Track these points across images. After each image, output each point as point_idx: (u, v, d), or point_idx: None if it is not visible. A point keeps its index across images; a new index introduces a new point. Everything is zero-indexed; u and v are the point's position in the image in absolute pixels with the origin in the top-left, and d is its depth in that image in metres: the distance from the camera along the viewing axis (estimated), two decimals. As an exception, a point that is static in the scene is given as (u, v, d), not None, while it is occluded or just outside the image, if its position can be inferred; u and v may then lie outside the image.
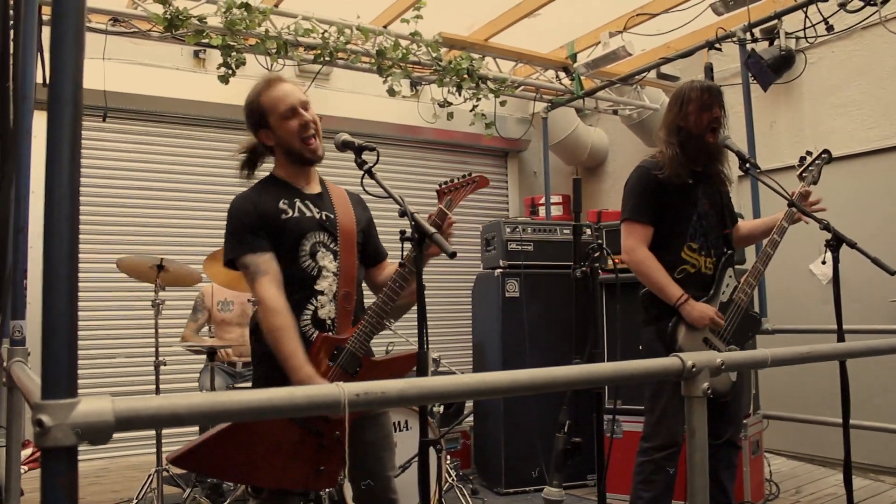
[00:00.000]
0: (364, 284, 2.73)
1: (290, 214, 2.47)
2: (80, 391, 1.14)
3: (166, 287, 4.39)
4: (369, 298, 2.66)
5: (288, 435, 2.34)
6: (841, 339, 3.15)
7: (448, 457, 4.71)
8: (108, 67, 5.51)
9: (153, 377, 4.32)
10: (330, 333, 2.46)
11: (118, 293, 6.06)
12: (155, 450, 4.25)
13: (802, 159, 3.53)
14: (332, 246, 2.51)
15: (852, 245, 3.11)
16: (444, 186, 2.58)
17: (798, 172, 3.48)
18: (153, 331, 4.31)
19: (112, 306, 6.12)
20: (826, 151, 3.51)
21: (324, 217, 2.54)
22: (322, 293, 2.47)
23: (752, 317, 3.37)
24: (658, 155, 3.39)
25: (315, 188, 2.62)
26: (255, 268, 2.39)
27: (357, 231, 2.59)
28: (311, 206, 2.54)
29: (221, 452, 2.28)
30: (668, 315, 3.25)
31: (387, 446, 2.61)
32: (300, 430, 2.35)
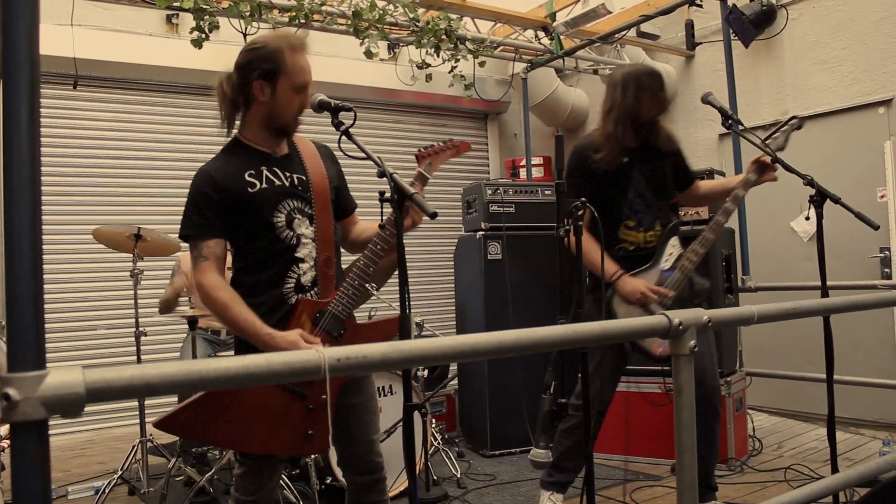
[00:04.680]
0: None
1: (259, 186, 2.38)
2: (62, 364, 1.09)
3: (145, 257, 4.32)
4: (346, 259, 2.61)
5: (273, 399, 2.30)
6: (825, 294, 3.15)
7: (433, 420, 4.72)
8: (77, 34, 5.39)
9: (135, 348, 4.28)
10: (310, 297, 2.42)
11: (97, 264, 5.99)
12: (139, 421, 4.23)
13: (771, 126, 3.49)
14: (307, 210, 2.45)
15: (836, 200, 3.10)
16: (423, 151, 2.53)
17: (763, 139, 3.42)
18: (133, 301, 4.26)
19: (91, 278, 6.04)
20: (794, 117, 3.44)
21: (295, 181, 2.45)
22: (303, 260, 2.42)
23: (698, 284, 3.33)
24: (594, 133, 3.44)
25: (283, 148, 2.52)
26: (197, 252, 2.35)
27: (330, 189, 2.53)
28: (279, 172, 2.44)
29: (206, 417, 2.24)
30: (606, 285, 3.29)
31: (370, 409, 2.58)
32: (286, 394, 2.31)
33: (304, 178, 2.48)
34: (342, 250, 2.68)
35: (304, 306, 2.38)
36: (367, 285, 2.45)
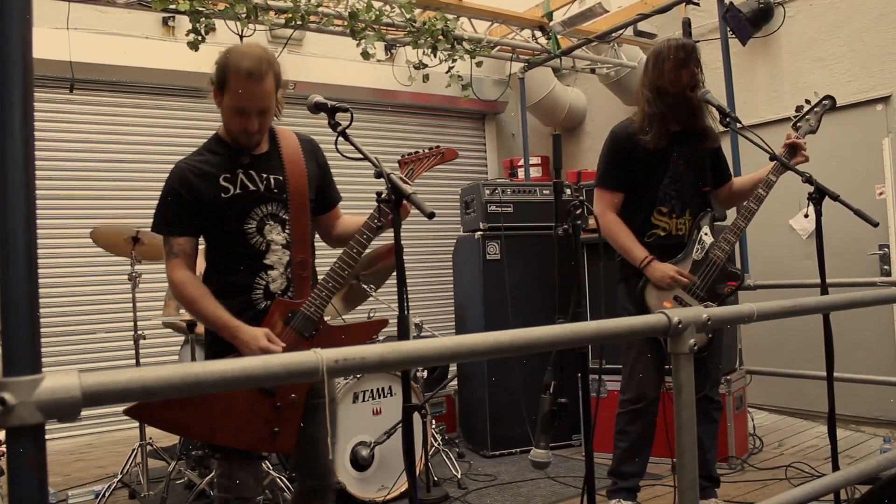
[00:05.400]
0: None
1: (232, 192, 2.40)
2: (61, 368, 1.09)
3: (143, 260, 4.31)
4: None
5: (243, 394, 2.33)
6: (824, 292, 3.15)
7: (433, 421, 4.71)
8: (73, 37, 5.38)
9: (134, 352, 4.27)
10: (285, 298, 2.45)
11: (96, 268, 5.98)
12: (139, 424, 4.22)
13: (800, 108, 3.40)
14: (281, 215, 2.47)
15: (835, 198, 3.09)
16: (406, 157, 2.55)
17: (793, 122, 3.38)
18: (131, 305, 4.25)
19: (91, 281, 6.03)
20: (829, 97, 3.36)
21: (271, 182, 2.47)
22: (272, 267, 2.44)
23: (730, 273, 3.35)
24: (634, 117, 3.38)
25: (262, 146, 2.52)
26: (169, 248, 2.41)
27: (309, 189, 2.54)
28: (254, 175, 2.45)
29: (177, 406, 2.26)
30: (637, 275, 3.32)
31: (327, 413, 2.59)
32: (255, 391, 2.34)
33: (280, 178, 2.49)
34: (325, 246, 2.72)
35: (278, 306, 2.42)
36: (365, 286, 2.46)
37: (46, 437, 1.08)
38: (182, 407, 2.26)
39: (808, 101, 3.39)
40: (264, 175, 2.47)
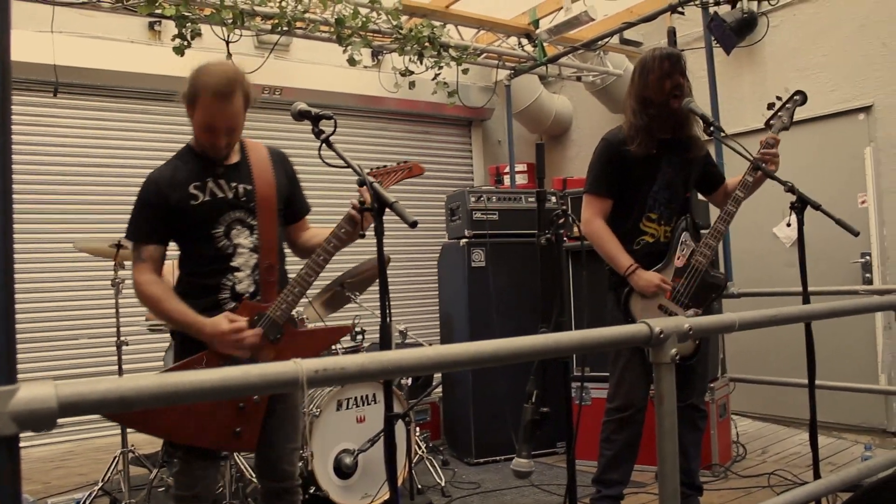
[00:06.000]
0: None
1: (201, 199, 2.48)
2: (41, 374, 1.08)
3: (126, 265, 4.28)
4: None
5: None
6: (806, 300, 3.16)
7: (417, 429, 4.70)
8: (57, 40, 5.35)
9: (116, 358, 4.24)
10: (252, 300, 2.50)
11: (78, 273, 5.94)
12: (120, 431, 4.18)
13: (771, 105, 3.41)
14: (248, 221, 2.53)
15: (817, 207, 3.11)
16: (374, 170, 2.58)
17: (766, 120, 3.39)
18: (114, 311, 4.22)
19: (72, 286, 5.99)
20: (799, 92, 3.38)
21: (240, 191, 2.53)
22: (238, 269, 2.50)
23: (713, 278, 3.36)
24: (624, 125, 3.39)
25: (233, 157, 2.59)
26: (138, 254, 2.50)
27: (278, 199, 2.60)
28: (224, 184, 2.52)
29: None
30: (625, 283, 3.32)
31: (290, 418, 2.65)
32: None
33: (249, 187, 2.55)
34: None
35: (245, 308, 2.46)
36: (349, 294, 2.47)
37: (26, 444, 1.07)
38: None
39: (779, 98, 3.41)
40: (233, 184, 2.53)
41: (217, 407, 2.37)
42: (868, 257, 5.42)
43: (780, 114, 3.37)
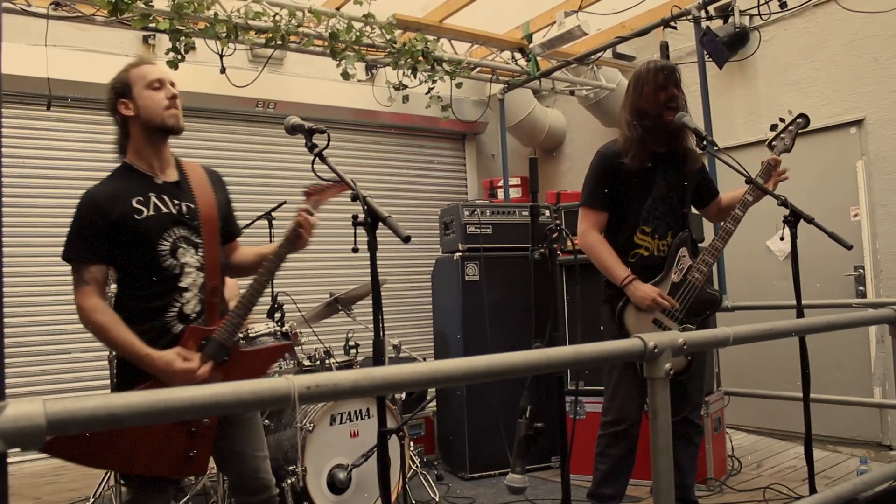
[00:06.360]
0: None
1: (145, 213, 2.41)
2: (35, 389, 1.07)
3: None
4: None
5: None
6: (800, 314, 3.16)
7: (411, 443, 4.68)
8: (51, 54, 5.34)
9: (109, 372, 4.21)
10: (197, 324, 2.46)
11: (69, 286, 5.87)
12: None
13: (774, 126, 3.43)
14: (193, 239, 2.49)
15: (810, 220, 3.12)
16: (311, 188, 2.60)
17: (768, 141, 3.41)
18: (106, 325, 4.19)
19: (64, 300, 5.93)
20: (802, 115, 3.39)
21: (183, 209, 2.49)
22: (186, 290, 2.46)
23: (708, 295, 3.36)
24: (619, 138, 3.40)
25: (171, 174, 2.56)
26: (79, 276, 2.38)
27: (219, 217, 2.58)
28: (167, 199, 2.48)
29: (92, 440, 2.24)
30: (620, 296, 3.32)
31: (252, 426, 2.62)
32: None
33: (192, 205, 2.52)
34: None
35: (191, 333, 2.41)
36: (341, 308, 2.47)
37: (18, 459, 1.06)
38: (99, 438, 2.24)
39: (782, 120, 3.42)
40: (176, 201, 2.49)
41: (170, 433, 2.33)
42: (861, 270, 5.43)
43: (782, 135, 3.38)
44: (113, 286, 2.62)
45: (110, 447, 2.27)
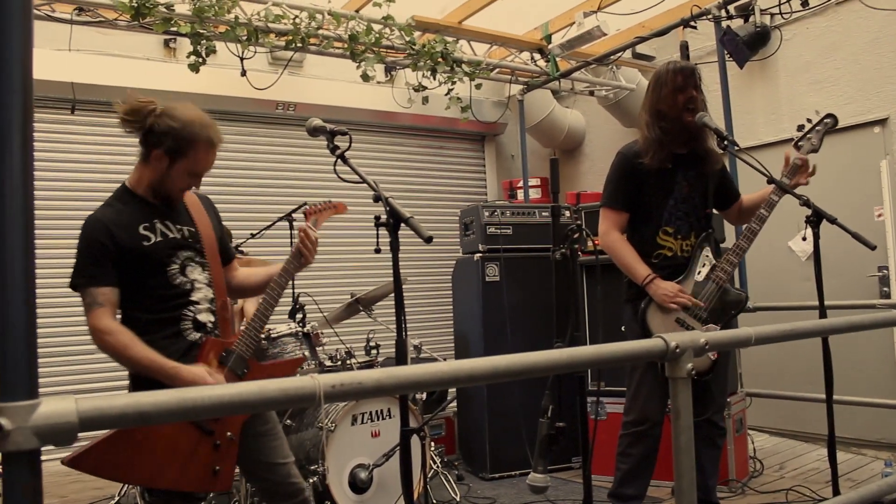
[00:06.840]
0: None
1: (153, 240, 2.45)
2: (62, 389, 1.09)
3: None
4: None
5: (183, 435, 2.35)
6: (823, 315, 3.14)
7: (432, 443, 4.69)
8: (75, 59, 5.41)
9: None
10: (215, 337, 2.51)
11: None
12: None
13: (801, 127, 3.39)
14: (198, 259, 2.55)
15: (832, 220, 3.10)
16: (311, 207, 2.73)
17: (794, 141, 3.37)
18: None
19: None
20: (830, 115, 3.35)
21: (186, 233, 2.54)
22: (198, 302, 2.51)
23: (734, 295, 3.34)
24: (639, 138, 3.40)
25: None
26: (91, 299, 2.35)
27: (217, 239, 2.64)
28: (171, 225, 2.52)
29: (119, 454, 2.26)
30: (642, 295, 3.32)
31: (276, 435, 2.66)
32: (194, 431, 2.37)
33: (193, 230, 2.57)
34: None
35: (212, 346, 2.46)
36: (362, 309, 2.49)
37: (44, 457, 1.08)
38: (124, 453, 2.26)
39: (809, 120, 3.39)
40: (178, 226, 2.54)
41: (196, 448, 2.36)
42: (885, 271, 5.38)
43: (809, 135, 3.35)
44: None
45: (136, 463, 2.29)
